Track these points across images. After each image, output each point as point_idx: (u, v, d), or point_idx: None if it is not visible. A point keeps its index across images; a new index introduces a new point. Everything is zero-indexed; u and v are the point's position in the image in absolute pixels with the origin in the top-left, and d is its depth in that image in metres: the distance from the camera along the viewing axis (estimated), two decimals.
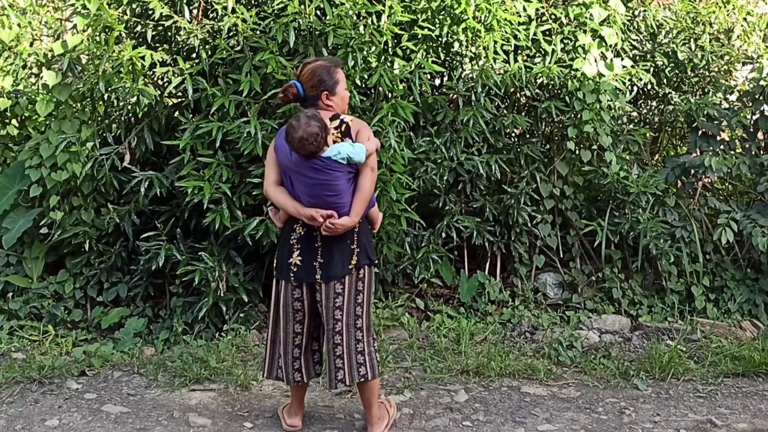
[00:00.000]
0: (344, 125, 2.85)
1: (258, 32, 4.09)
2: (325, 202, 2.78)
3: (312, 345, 3.03)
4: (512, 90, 4.82)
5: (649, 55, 5.32)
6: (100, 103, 4.47)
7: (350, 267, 2.85)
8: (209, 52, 4.19)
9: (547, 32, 4.79)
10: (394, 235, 4.54)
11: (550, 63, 4.69)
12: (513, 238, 4.99)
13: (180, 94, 4.48)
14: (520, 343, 4.33)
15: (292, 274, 2.89)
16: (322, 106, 2.85)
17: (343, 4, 4.04)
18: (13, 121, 5.07)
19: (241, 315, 4.37)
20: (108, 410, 3.43)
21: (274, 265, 3.02)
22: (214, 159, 4.13)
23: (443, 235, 4.78)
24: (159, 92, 4.38)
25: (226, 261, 4.38)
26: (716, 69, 5.40)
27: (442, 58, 4.66)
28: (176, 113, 4.30)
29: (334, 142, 2.82)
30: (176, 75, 4.12)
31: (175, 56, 4.34)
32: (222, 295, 4.26)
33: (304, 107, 2.86)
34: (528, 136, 5.12)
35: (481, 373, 3.86)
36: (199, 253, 4.26)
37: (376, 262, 2.96)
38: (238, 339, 4.10)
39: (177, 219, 4.52)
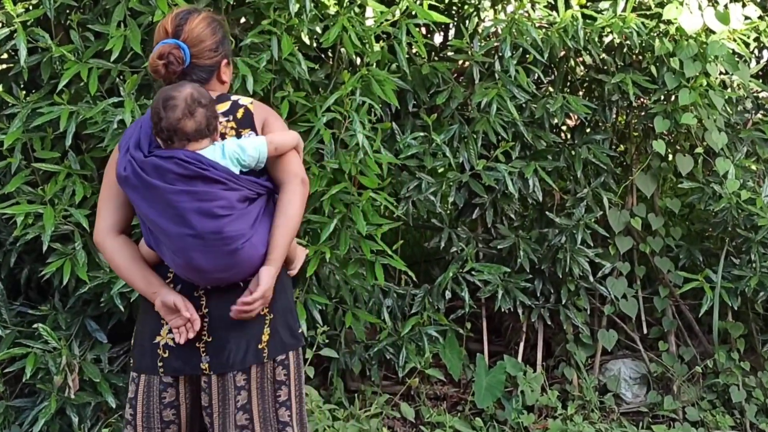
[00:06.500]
0: (240, 110, 2.84)
1: None
2: (199, 237, 2.66)
3: None
4: (562, 54, 4.84)
5: None
6: None
7: (260, 348, 2.80)
8: None
9: None
10: (364, 295, 4.54)
11: (624, 10, 4.71)
12: (564, 302, 5.00)
13: (6, 56, 4.42)
14: None
15: (160, 362, 2.82)
16: (215, 84, 2.90)
17: None
18: None
19: (105, 429, 4.29)
20: None
21: (131, 345, 2.98)
22: (62, 166, 4.11)
23: (447, 295, 4.78)
24: None
25: (80, 339, 4.35)
26: None
27: (446, 0, 4.67)
28: None
29: (222, 136, 2.81)
30: (1, 25, 4.10)
31: None
32: (73, 396, 4.18)
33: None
34: (589, 130, 5.15)
35: None
36: (35, 326, 4.18)
37: (304, 338, 2.99)
38: None
39: None
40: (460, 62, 4.80)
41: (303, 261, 3.11)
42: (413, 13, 4.28)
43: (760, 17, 4.94)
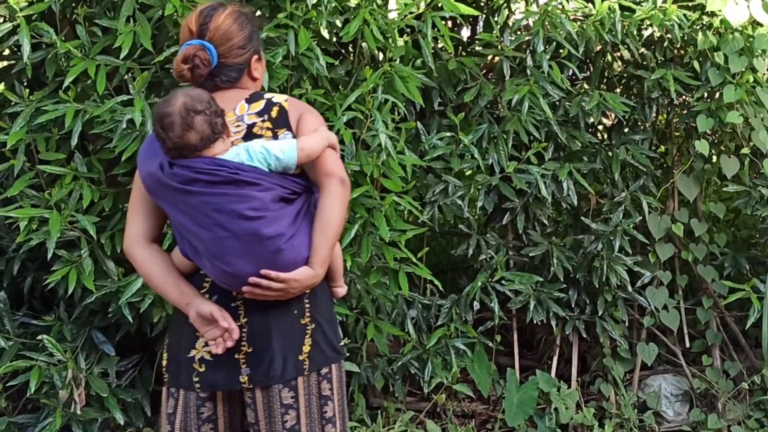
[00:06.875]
0: (275, 108, 2.82)
1: None
2: (236, 239, 2.66)
3: None
4: (598, 49, 4.83)
5: None
6: None
7: (301, 359, 2.80)
8: None
9: None
10: (387, 305, 4.49)
11: (665, 2, 4.67)
12: (600, 313, 4.97)
13: (8, 52, 4.42)
14: None
15: (196, 377, 2.81)
16: (246, 81, 2.90)
17: None
18: None
19: None
20: None
21: (164, 362, 2.96)
22: (68, 168, 4.10)
23: (475, 305, 4.73)
24: None
25: (86, 351, 4.32)
26: None
27: None
28: (1, 86, 4.23)
29: (255, 135, 2.79)
30: (3, 20, 4.09)
31: None
32: (79, 412, 4.17)
33: (210, 89, 2.81)
34: (627, 130, 5.13)
35: None
36: (39, 337, 4.19)
37: (345, 351, 2.99)
38: None
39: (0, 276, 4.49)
40: (490, 57, 4.74)
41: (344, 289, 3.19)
42: (439, 5, 4.28)
43: None
